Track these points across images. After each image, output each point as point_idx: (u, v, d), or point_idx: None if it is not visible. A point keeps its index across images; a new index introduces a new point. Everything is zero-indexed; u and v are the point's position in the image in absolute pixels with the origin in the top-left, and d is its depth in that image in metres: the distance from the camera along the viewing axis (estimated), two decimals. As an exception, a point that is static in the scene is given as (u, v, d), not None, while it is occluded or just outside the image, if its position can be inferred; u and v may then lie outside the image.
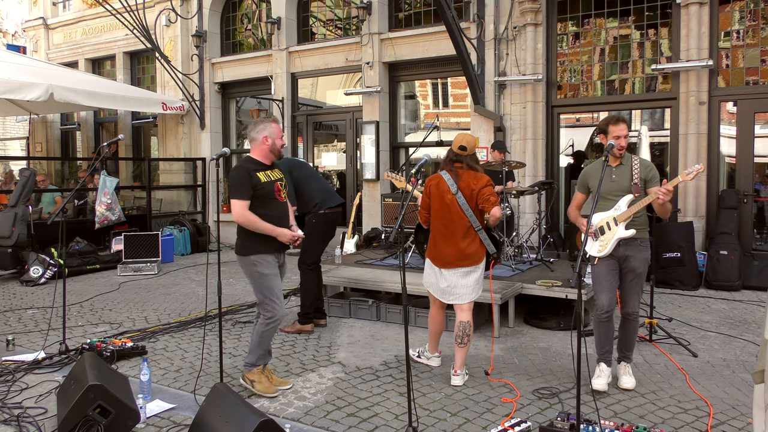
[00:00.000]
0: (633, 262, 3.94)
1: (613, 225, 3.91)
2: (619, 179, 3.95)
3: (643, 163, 3.96)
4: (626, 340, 4.12)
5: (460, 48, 7.86)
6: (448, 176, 4.18)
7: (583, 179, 4.18)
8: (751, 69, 7.41)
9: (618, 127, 3.89)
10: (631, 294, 4.03)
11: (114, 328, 5.69)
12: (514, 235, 7.24)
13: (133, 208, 11.45)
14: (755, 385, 2.46)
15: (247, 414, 3.00)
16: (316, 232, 5.40)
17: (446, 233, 4.16)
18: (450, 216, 4.14)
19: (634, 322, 4.09)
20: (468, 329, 4.14)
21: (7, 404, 3.78)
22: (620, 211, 3.91)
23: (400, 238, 3.55)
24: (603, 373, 4.01)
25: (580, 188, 4.23)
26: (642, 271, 3.98)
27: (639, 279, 3.99)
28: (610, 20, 8.23)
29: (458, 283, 4.16)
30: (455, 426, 3.51)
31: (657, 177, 3.94)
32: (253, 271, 3.98)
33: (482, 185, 4.10)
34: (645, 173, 3.93)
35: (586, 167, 4.22)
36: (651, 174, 3.93)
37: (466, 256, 4.11)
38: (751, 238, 7.42)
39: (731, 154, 7.63)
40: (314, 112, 10.93)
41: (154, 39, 10.87)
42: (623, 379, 4.06)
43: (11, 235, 8.05)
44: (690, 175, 3.72)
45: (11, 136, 17.10)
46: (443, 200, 4.15)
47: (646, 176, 3.93)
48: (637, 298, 4.06)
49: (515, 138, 8.55)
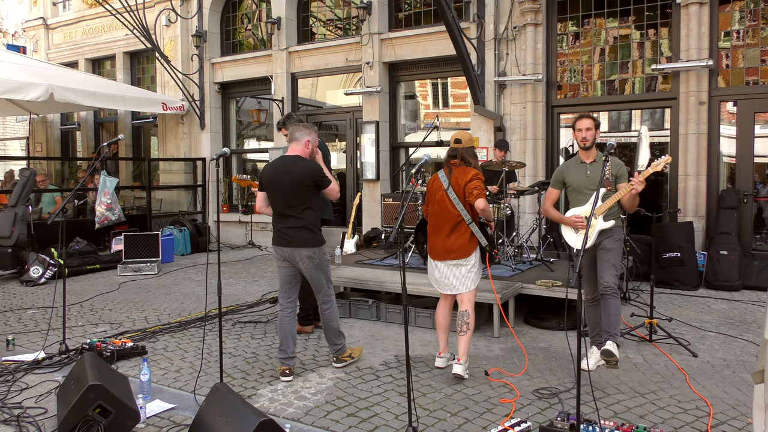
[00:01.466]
0: (605, 242, 4.20)
1: (593, 219, 4.10)
2: (593, 174, 4.24)
3: (614, 161, 4.29)
4: (608, 319, 4.12)
5: (460, 48, 7.86)
6: (443, 174, 4.41)
7: (559, 175, 4.45)
8: (751, 69, 7.41)
9: (581, 122, 4.26)
10: (604, 268, 4.14)
11: (114, 328, 5.69)
12: (514, 235, 7.24)
13: (133, 208, 11.45)
14: (755, 385, 2.46)
15: (247, 414, 3.00)
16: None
17: (436, 228, 4.37)
18: (440, 211, 4.34)
19: (611, 298, 4.10)
20: (467, 318, 4.27)
21: (7, 404, 3.78)
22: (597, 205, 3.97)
23: (400, 238, 3.56)
24: (593, 354, 4.22)
25: (554, 184, 4.48)
26: (612, 248, 4.17)
27: (611, 253, 4.16)
28: (610, 20, 8.23)
29: (449, 273, 4.33)
30: (455, 426, 3.51)
31: (626, 174, 4.25)
32: (324, 260, 4.41)
33: (468, 179, 4.25)
34: (616, 170, 4.24)
35: (562, 164, 4.50)
36: (621, 171, 4.25)
37: (452, 250, 4.28)
38: (751, 238, 7.42)
39: (731, 154, 7.63)
40: (314, 112, 10.93)
41: (154, 39, 10.87)
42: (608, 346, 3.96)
43: (11, 235, 8.05)
44: (659, 165, 4.00)
45: (11, 136, 17.10)
46: (435, 196, 4.38)
47: (616, 173, 4.24)
48: (611, 271, 4.13)
49: (515, 138, 8.55)
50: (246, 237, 11.18)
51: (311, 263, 4.33)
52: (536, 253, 6.96)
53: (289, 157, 4.38)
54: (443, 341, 4.43)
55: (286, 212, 4.32)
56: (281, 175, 4.31)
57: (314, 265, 4.34)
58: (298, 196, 4.29)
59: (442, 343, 4.43)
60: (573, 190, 4.36)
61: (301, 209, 4.30)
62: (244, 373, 4.44)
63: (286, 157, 4.39)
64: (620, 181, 4.22)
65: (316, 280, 4.40)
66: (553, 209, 4.47)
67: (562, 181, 4.42)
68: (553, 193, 4.49)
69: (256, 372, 4.46)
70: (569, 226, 4.32)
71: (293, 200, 4.29)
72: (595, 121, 4.27)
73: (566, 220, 4.32)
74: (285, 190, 4.28)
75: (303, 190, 4.29)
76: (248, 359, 4.74)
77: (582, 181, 4.28)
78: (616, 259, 4.20)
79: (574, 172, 4.35)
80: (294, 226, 4.30)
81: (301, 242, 4.30)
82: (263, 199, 4.45)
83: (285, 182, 4.28)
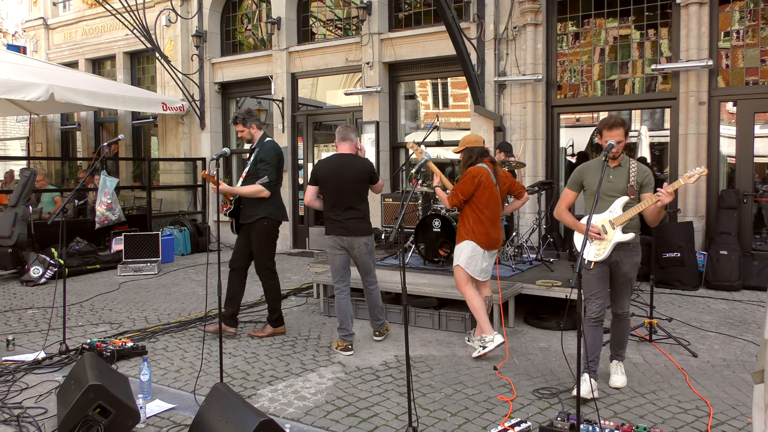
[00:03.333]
0: (624, 267, 3.85)
1: (610, 228, 3.81)
2: (616, 180, 3.85)
3: (640, 168, 3.87)
4: (618, 338, 4.09)
5: (460, 48, 7.86)
6: (488, 168, 4.84)
7: (578, 176, 4.03)
8: (751, 69, 7.41)
9: (612, 132, 3.77)
10: (622, 296, 4.01)
11: (114, 328, 5.69)
12: (514, 235, 7.24)
13: (133, 208, 11.45)
14: (755, 385, 2.46)
15: (247, 414, 3.00)
16: (273, 235, 5.32)
17: (493, 219, 4.80)
18: (495, 204, 4.82)
19: (625, 321, 4.06)
20: (491, 300, 5.01)
21: (7, 404, 3.78)
22: (616, 214, 3.80)
23: (400, 238, 3.56)
24: (585, 383, 3.76)
25: (572, 186, 4.08)
26: (632, 276, 3.93)
27: (629, 283, 3.98)
28: (610, 20, 8.23)
29: (491, 261, 4.91)
30: (455, 426, 3.51)
31: (652, 183, 3.85)
32: (373, 246, 4.99)
33: (512, 180, 5.09)
34: (641, 178, 3.84)
35: (583, 164, 4.09)
36: (647, 179, 3.85)
37: (499, 239, 4.91)
38: (750, 238, 7.42)
39: (731, 154, 7.63)
40: (314, 112, 10.93)
41: (154, 39, 10.87)
42: (614, 377, 4.03)
43: (11, 235, 8.05)
44: (692, 178, 3.58)
45: (11, 136, 17.10)
46: (493, 191, 4.79)
47: (642, 181, 3.83)
48: (628, 298, 4.04)
49: (515, 138, 8.55)
50: (246, 237, 11.16)
51: (366, 249, 4.90)
52: (536, 253, 6.96)
53: (345, 155, 4.90)
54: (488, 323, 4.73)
55: (348, 205, 4.82)
56: (342, 171, 4.80)
57: (368, 251, 4.92)
58: (358, 190, 4.85)
59: (488, 326, 4.70)
60: (591, 194, 3.88)
61: (360, 202, 4.87)
62: (244, 373, 4.44)
63: (343, 155, 4.90)
64: (645, 190, 3.82)
65: (368, 264, 4.97)
66: (567, 213, 4.08)
67: (581, 183, 4.01)
68: (569, 195, 4.09)
69: (256, 372, 4.46)
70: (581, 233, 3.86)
71: (354, 194, 4.83)
72: (626, 129, 3.81)
73: (580, 228, 3.91)
74: (346, 184, 4.79)
75: (362, 184, 4.86)
76: (248, 359, 4.74)
77: (603, 187, 3.78)
78: (633, 284, 4.03)
79: (595, 175, 3.87)
80: (354, 217, 4.83)
81: (359, 231, 4.84)
82: (314, 192, 4.93)
83: (347, 177, 4.79)
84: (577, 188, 4.05)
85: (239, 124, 5.30)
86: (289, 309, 6.34)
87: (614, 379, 4.04)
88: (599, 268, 3.86)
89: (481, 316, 4.70)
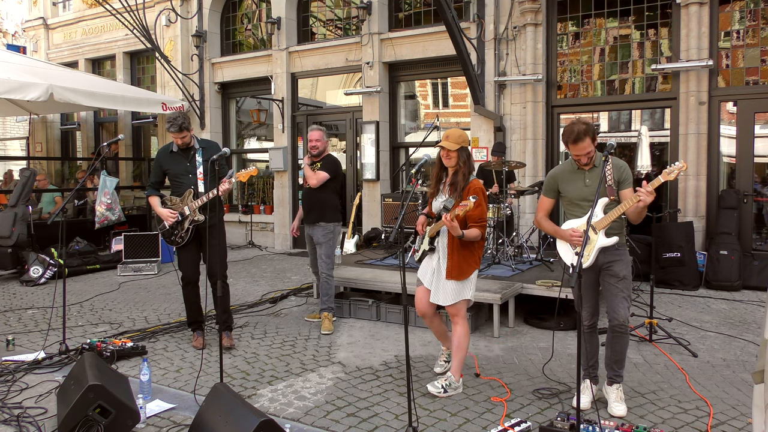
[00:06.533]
0: (614, 267, 3.60)
1: (592, 233, 3.54)
2: (592, 184, 3.58)
3: (615, 164, 3.59)
4: (615, 357, 3.66)
5: (460, 48, 7.86)
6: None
7: (552, 182, 3.78)
8: (751, 69, 7.41)
9: (578, 146, 3.51)
10: (617, 300, 3.58)
11: (114, 328, 5.69)
12: (514, 235, 7.24)
13: (133, 208, 11.45)
14: (755, 385, 2.46)
15: (247, 414, 2.99)
16: (224, 237, 5.19)
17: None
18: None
19: (623, 337, 3.62)
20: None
21: (7, 404, 3.78)
22: (597, 218, 3.52)
23: (400, 238, 3.56)
24: (587, 389, 3.74)
25: (547, 192, 3.82)
26: (626, 275, 3.61)
27: (623, 283, 3.59)
28: (610, 20, 8.23)
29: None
30: (455, 426, 3.51)
31: (630, 178, 3.59)
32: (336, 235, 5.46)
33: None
34: (618, 174, 3.56)
35: (554, 169, 3.85)
36: (624, 175, 3.57)
37: None
38: (751, 238, 7.42)
39: (731, 154, 7.63)
40: (314, 112, 10.93)
41: (154, 39, 10.86)
42: (614, 405, 3.64)
43: (11, 235, 8.06)
44: (672, 174, 3.31)
45: (11, 136, 17.10)
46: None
47: (619, 177, 3.56)
48: (625, 305, 3.59)
49: (515, 138, 8.55)
50: (246, 237, 11.18)
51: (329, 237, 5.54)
52: (536, 253, 6.96)
53: None
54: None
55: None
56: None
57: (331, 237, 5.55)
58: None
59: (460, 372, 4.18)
60: (569, 202, 3.72)
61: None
62: (244, 373, 4.44)
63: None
64: (623, 187, 3.55)
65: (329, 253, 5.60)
66: (546, 221, 3.84)
67: (556, 189, 3.76)
68: (545, 202, 3.85)
69: (256, 372, 4.46)
70: (565, 240, 3.67)
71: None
72: (592, 135, 3.52)
73: (561, 234, 3.66)
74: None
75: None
76: (248, 359, 4.74)
77: (580, 192, 3.63)
78: (629, 288, 3.64)
79: (569, 181, 3.69)
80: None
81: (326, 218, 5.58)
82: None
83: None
84: (553, 195, 3.82)
85: (184, 130, 4.91)
86: (289, 309, 6.35)
87: (614, 407, 3.63)
88: (586, 273, 3.61)
89: (462, 359, 4.08)
